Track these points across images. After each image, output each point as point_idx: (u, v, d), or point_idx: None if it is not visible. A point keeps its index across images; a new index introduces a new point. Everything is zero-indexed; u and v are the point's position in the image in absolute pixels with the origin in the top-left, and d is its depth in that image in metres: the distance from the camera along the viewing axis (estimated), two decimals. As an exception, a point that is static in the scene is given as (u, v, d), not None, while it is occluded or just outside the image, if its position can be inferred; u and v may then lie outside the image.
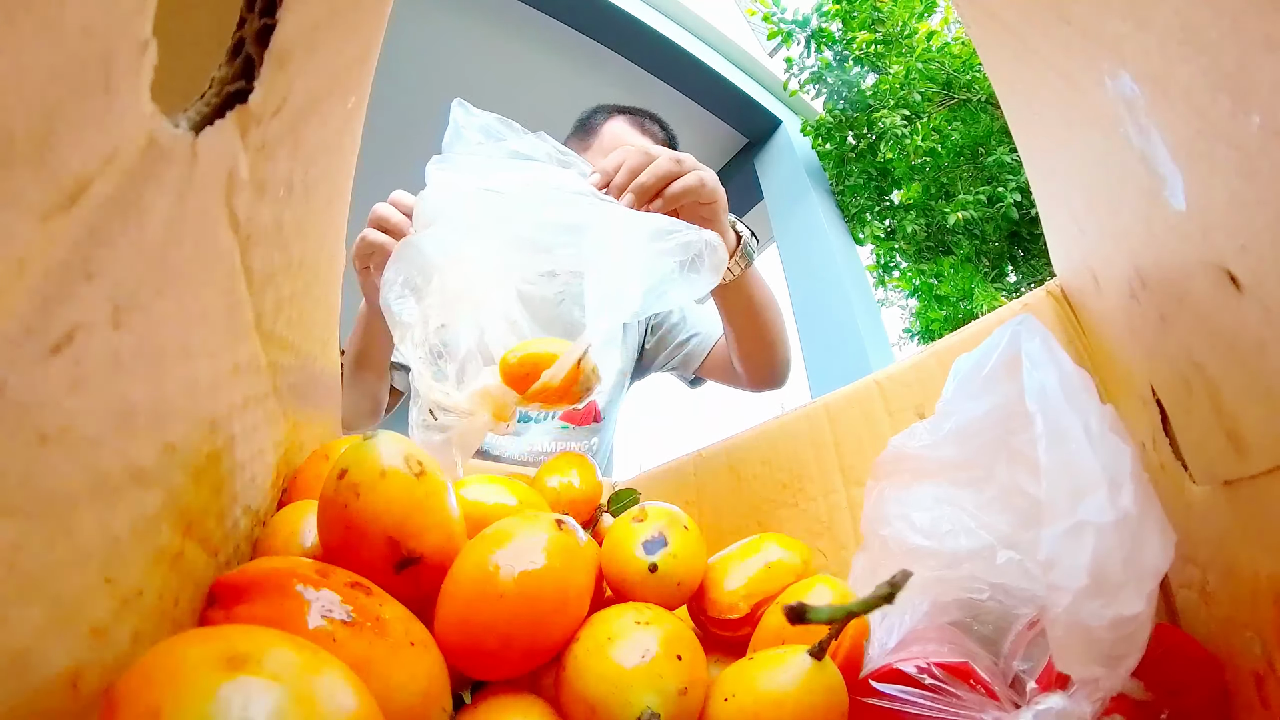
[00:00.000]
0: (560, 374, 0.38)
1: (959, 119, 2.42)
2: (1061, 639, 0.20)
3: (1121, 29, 0.18)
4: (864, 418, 0.42)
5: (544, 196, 0.41)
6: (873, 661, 0.26)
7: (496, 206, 0.41)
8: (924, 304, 2.52)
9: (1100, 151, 0.23)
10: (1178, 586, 0.27)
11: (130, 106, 0.15)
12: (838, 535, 0.41)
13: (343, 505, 0.24)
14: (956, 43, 2.42)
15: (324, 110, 0.28)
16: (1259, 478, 0.19)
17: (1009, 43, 0.27)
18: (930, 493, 0.30)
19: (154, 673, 0.14)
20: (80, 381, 0.15)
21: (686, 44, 2.63)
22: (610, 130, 0.80)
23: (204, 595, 0.21)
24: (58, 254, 0.13)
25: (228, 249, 0.22)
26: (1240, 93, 0.14)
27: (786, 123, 2.89)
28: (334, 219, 0.34)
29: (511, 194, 0.41)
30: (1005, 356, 0.28)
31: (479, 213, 0.41)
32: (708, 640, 0.32)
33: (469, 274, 0.41)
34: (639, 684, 0.23)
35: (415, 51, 2.36)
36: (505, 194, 0.41)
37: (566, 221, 0.39)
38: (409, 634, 0.22)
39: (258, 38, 0.20)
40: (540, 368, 0.38)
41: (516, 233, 0.40)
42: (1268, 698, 0.20)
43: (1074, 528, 0.21)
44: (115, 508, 0.16)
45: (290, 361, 0.30)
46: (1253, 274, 0.16)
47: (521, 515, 0.28)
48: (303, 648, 0.16)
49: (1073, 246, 0.33)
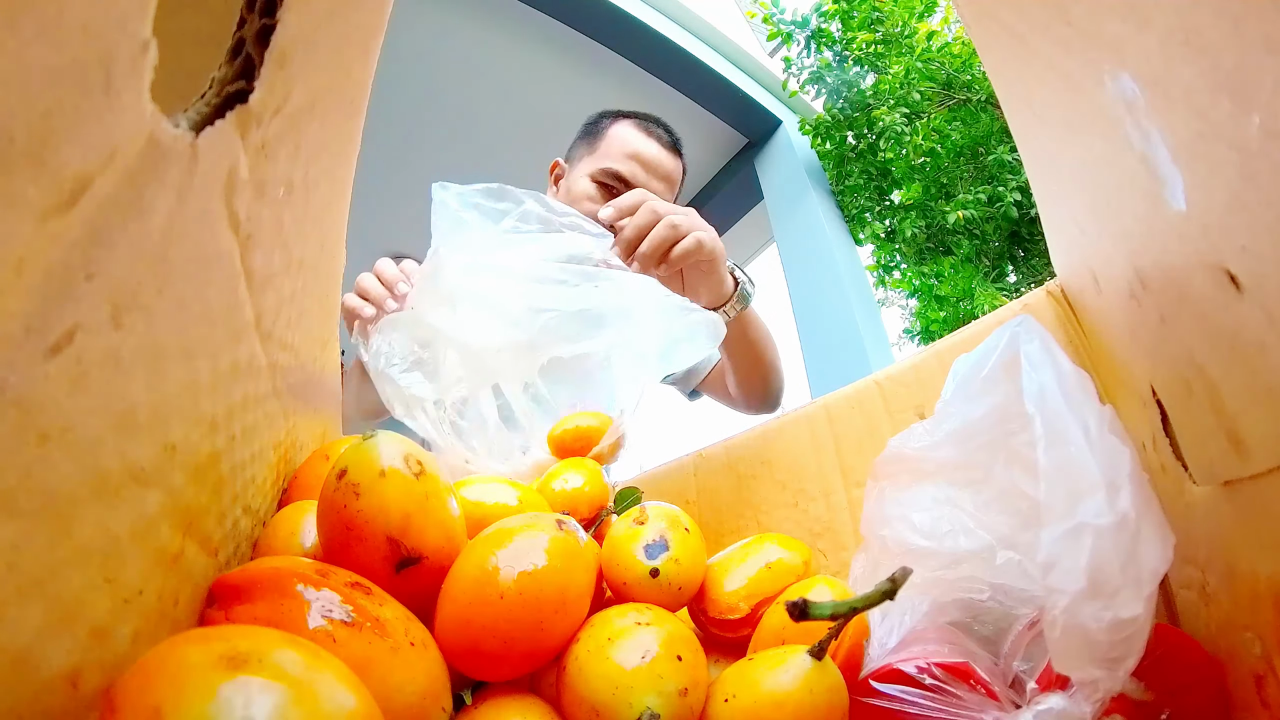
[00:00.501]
0: (607, 446, 0.45)
1: (959, 119, 2.42)
2: (1060, 641, 0.20)
3: (1122, 30, 0.18)
4: (864, 418, 0.42)
5: (554, 274, 0.44)
6: (873, 661, 0.26)
7: (508, 284, 0.43)
8: (924, 304, 2.52)
9: (1100, 152, 0.23)
10: (1178, 587, 0.27)
11: (130, 106, 0.15)
12: (838, 535, 0.41)
13: (343, 505, 0.24)
14: (957, 42, 2.42)
15: (324, 110, 0.28)
16: (1259, 478, 0.19)
17: (1009, 43, 0.27)
18: (930, 493, 0.30)
19: (154, 672, 0.14)
20: (80, 381, 0.15)
21: (686, 44, 2.63)
22: (617, 134, 0.81)
23: (204, 595, 0.21)
24: (58, 254, 0.13)
25: (228, 249, 0.22)
26: (1241, 94, 0.14)
27: (786, 123, 2.89)
28: (334, 219, 0.34)
29: (522, 271, 0.43)
30: (1004, 357, 0.28)
31: (492, 290, 0.43)
32: (708, 640, 0.32)
33: (484, 348, 0.43)
34: (640, 685, 0.23)
35: (416, 51, 2.36)
36: (515, 272, 0.43)
37: (583, 305, 0.43)
38: (409, 634, 0.22)
39: (258, 38, 0.20)
40: (587, 440, 0.45)
41: (533, 309, 0.43)
42: (1268, 699, 0.20)
43: (1073, 530, 0.21)
44: (115, 508, 0.16)
45: (290, 361, 0.30)
46: (1253, 274, 0.16)
47: (522, 515, 0.28)
48: (303, 647, 0.16)
49: (1073, 247, 0.33)
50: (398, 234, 2.68)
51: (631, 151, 0.79)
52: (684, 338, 0.44)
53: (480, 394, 0.44)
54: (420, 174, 2.57)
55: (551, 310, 0.42)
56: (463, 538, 0.27)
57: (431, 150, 2.66)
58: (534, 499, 0.36)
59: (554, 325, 0.42)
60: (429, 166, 2.57)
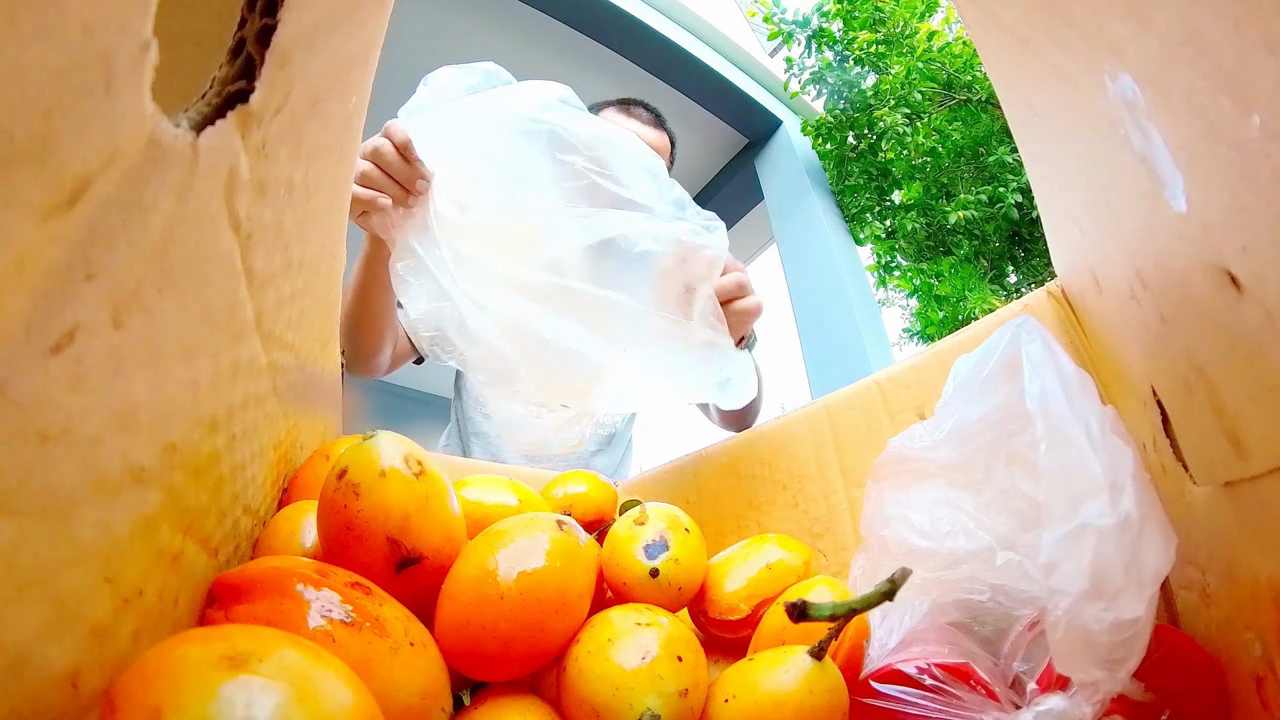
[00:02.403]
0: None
1: (960, 119, 2.41)
2: (1061, 642, 0.20)
3: (1122, 30, 0.18)
4: (864, 418, 0.42)
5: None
6: (873, 662, 0.26)
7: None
8: (924, 304, 2.52)
9: (1101, 153, 0.23)
10: (1178, 588, 0.27)
11: (131, 106, 0.15)
12: (838, 536, 0.41)
13: (343, 505, 0.24)
14: (958, 42, 2.42)
15: (325, 110, 0.28)
16: (1259, 479, 0.19)
17: (1010, 44, 0.27)
18: (929, 494, 0.30)
19: (154, 672, 0.14)
20: (81, 381, 0.15)
21: (686, 44, 2.63)
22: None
23: (204, 595, 0.21)
24: (58, 254, 0.13)
25: (228, 249, 0.22)
26: (1241, 94, 0.14)
27: (787, 123, 2.89)
28: (334, 219, 0.34)
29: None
30: (1005, 358, 0.28)
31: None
32: (708, 641, 0.32)
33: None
34: (640, 685, 0.23)
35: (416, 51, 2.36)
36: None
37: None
38: (408, 634, 0.22)
39: (259, 37, 0.20)
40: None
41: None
42: (1267, 699, 0.20)
43: (1075, 531, 0.21)
44: (115, 507, 0.16)
45: (290, 361, 0.30)
46: (1253, 275, 0.16)
47: (522, 516, 0.28)
48: (303, 647, 0.16)
49: (1073, 247, 0.33)
50: (398, 234, 2.68)
51: None
52: (721, 382, 0.44)
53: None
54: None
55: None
56: (463, 538, 0.27)
57: (432, 150, 2.66)
58: (534, 499, 0.36)
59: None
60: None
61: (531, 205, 0.43)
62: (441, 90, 0.46)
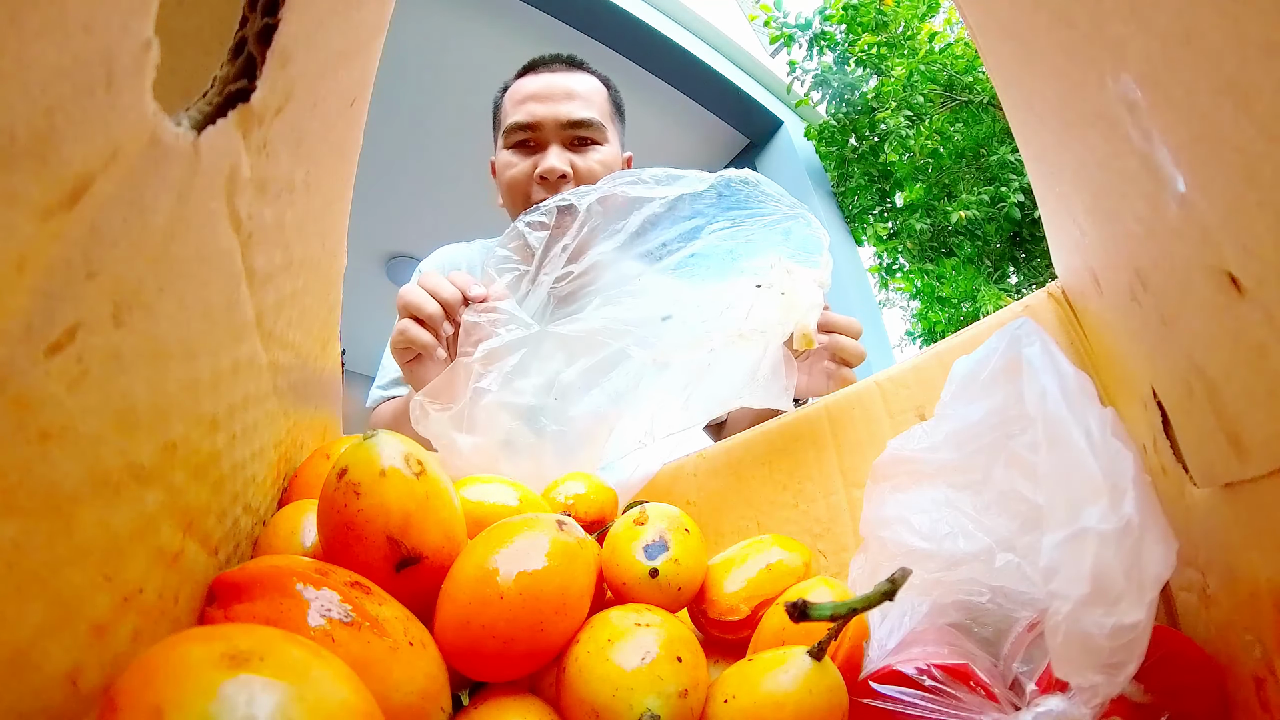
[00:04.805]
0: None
1: (961, 120, 2.41)
2: (1061, 647, 0.20)
3: (1123, 32, 0.18)
4: (865, 419, 0.42)
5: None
6: (872, 663, 0.26)
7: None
8: (926, 305, 2.52)
9: (1102, 154, 0.23)
10: (1178, 589, 0.27)
11: (132, 105, 0.15)
12: (838, 536, 0.41)
13: (343, 505, 0.24)
14: (959, 44, 2.42)
15: (326, 109, 0.28)
16: (1260, 481, 0.19)
17: (1010, 45, 0.27)
18: (929, 495, 0.30)
19: (155, 671, 0.14)
20: (81, 379, 0.15)
21: (688, 44, 2.63)
22: (509, 94, 0.79)
23: (204, 593, 0.21)
24: (59, 252, 0.13)
25: (229, 248, 0.22)
26: (1242, 95, 0.14)
27: (788, 124, 2.89)
28: (335, 218, 0.34)
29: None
30: (1004, 360, 0.28)
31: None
32: (708, 642, 0.32)
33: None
34: (640, 686, 0.23)
35: (416, 51, 2.36)
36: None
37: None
38: (408, 634, 0.22)
39: (260, 37, 0.20)
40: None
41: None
42: (1267, 701, 0.20)
43: (1075, 535, 0.21)
44: (115, 506, 0.16)
45: (290, 360, 0.30)
46: (1254, 276, 0.16)
47: (522, 516, 0.28)
48: (303, 646, 0.16)
49: (1074, 248, 0.33)
50: (398, 234, 2.68)
51: (522, 97, 0.76)
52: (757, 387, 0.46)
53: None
54: (420, 174, 2.56)
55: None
56: (463, 538, 0.27)
57: (432, 150, 2.65)
58: (534, 499, 0.36)
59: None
60: (429, 166, 2.57)
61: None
62: None
